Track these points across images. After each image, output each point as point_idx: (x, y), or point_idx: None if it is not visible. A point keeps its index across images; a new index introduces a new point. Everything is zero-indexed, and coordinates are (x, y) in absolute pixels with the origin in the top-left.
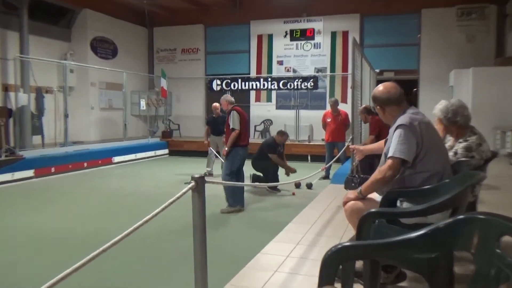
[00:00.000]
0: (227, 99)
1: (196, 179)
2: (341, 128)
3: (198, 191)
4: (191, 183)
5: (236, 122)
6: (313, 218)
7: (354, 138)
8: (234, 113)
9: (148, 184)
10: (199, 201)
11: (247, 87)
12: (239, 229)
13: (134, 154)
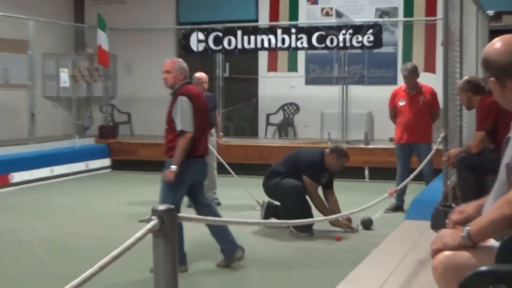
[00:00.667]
0: (178, 66)
1: (161, 214)
2: (424, 118)
3: (165, 235)
4: (151, 220)
5: (186, 117)
6: (376, 283)
7: (448, 137)
8: (183, 100)
9: (73, 224)
10: (166, 253)
11: (253, 45)
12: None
13: (49, 169)
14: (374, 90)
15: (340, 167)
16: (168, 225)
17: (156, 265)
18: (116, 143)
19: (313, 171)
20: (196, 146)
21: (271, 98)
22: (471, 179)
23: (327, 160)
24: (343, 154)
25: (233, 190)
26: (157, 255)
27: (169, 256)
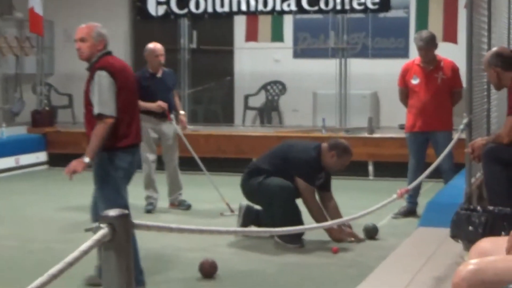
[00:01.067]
0: (95, 33)
1: (112, 221)
2: (443, 99)
3: (117, 246)
4: (100, 229)
5: (106, 98)
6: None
7: (473, 124)
8: (102, 75)
9: (0, 235)
10: (119, 269)
11: (228, 8)
12: None
13: None
14: (380, 64)
15: (341, 168)
16: (121, 235)
17: (106, 284)
18: (54, 132)
19: (308, 171)
20: (126, 133)
21: (250, 75)
22: (501, 176)
23: (325, 158)
24: (345, 151)
25: (203, 191)
26: (108, 272)
27: (123, 272)
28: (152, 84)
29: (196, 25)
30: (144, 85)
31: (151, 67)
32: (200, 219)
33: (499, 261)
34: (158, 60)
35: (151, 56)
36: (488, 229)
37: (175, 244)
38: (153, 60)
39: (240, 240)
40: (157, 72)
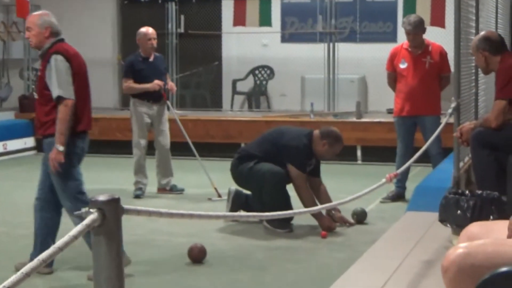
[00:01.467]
0: (39, 21)
1: (102, 206)
2: (431, 84)
3: (107, 232)
4: (89, 214)
5: (64, 80)
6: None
7: (461, 108)
8: (58, 59)
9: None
10: (109, 255)
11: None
12: None
13: None
14: (368, 49)
15: (332, 156)
16: (111, 220)
17: (96, 270)
18: None
19: (300, 158)
20: (79, 119)
21: (238, 60)
22: (489, 160)
23: (317, 146)
24: (337, 140)
25: (191, 176)
26: (98, 257)
27: (113, 257)
28: (145, 68)
29: (184, 9)
30: (137, 69)
31: (143, 51)
32: (189, 204)
33: (488, 245)
34: (150, 44)
35: (144, 40)
36: (476, 213)
37: (163, 229)
38: (145, 44)
39: (229, 225)
40: (150, 56)
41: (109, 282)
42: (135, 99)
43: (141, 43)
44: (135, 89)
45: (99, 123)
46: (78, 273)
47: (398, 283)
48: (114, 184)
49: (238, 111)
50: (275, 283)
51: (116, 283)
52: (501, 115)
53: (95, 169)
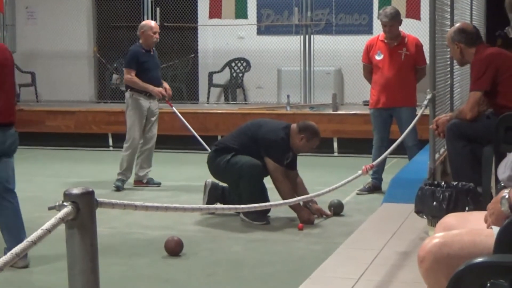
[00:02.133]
0: None
1: (75, 199)
2: (407, 76)
3: (81, 225)
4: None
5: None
6: (347, 281)
7: (437, 100)
8: None
9: None
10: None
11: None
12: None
13: None
14: (344, 41)
15: (310, 150)
16: (85, 213)
17: (70, 263)
18: (17, 111)
19: (277, 152)
20: None
21: (214, 52)
22: (464, 151)
23: (294, 140)
24: (314, 134)
25: (167, 169)
26: (72, 251)
27: (88, 251)
28: (148, 60)
29: (159, 2)
30: (141, 61)
31: (145, 44)
32: (165, 198)
33: (464, 235)
34: (155, 38)
35: (149, 32)
36: (452, 204)
37: (140, 222)
38: (150, 37)
39: (206, 218)
40: (151, 49)
41: (84, 275)
42: (133, 92)
43: (145, 35)
44: (139, 85)
45: (75, 116)
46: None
47: (374, 274)
48: (90, 177)
49: (214, 103)
50: (252, 275)
51: (91, 276)
52: (476, 106)
53: (71, 162)
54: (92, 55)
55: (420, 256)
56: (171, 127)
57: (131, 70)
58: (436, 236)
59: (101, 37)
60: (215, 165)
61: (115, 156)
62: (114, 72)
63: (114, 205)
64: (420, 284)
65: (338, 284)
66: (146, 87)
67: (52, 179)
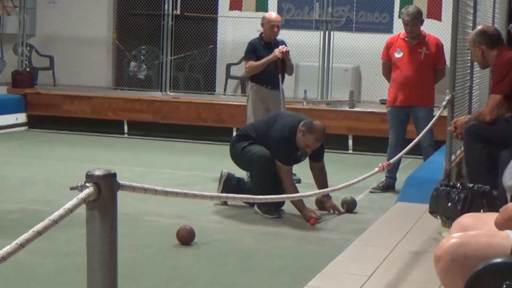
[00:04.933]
0: None
1: (98, 180)
2: (426, 75)
3: (102, 206)
4: (85, 188)
5: None
6: (358, 279)
7: (455, 101)
8: None
9: None
10: (103, 230)
11: None
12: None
13: None
14: (364, 38)
15: (304, 146)
16: (106, 195)
17: (89, 244)
18: (34, 94)
19: (281, 151)
20: None
21: (233, 44)
22: (481, 154)
23: (302, 139)
24: (309, 130)
25: (185, 158)
26: (92, 232)
27: (107, 233)
28: (266, 54)
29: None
30: (259, 54)
31: (265, 36)
32: (179, 187)
33: (482, 236)
34: (273, 31)
35: (267, 26)
36: (467, 205)
37: (153, 210)
38: (268, 30)
39: (219, 208)
40: (271, 42)
41: (102, 257)
42: (253, 83)
43: (264, 28)
44: (257, 66)
45: (91, 102)
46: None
47: (386, 272)
48: (103, 163)
49: (231, 95)
50: (262, 268)
51: (109, 258)
52: (496, 109)
53: (85, 147)
54: (111, 41)
55: (436, 255)
56: (186, 117)
57: (248, 61)
58: (453, 236)
59: (120, 24)
60: (234, 150)
61: (129, 143)
62: (132, 59)
63: (135, 188)
64: (432, 284)
65: (349, 280)
66: (264, 61)
67: (65, 163)
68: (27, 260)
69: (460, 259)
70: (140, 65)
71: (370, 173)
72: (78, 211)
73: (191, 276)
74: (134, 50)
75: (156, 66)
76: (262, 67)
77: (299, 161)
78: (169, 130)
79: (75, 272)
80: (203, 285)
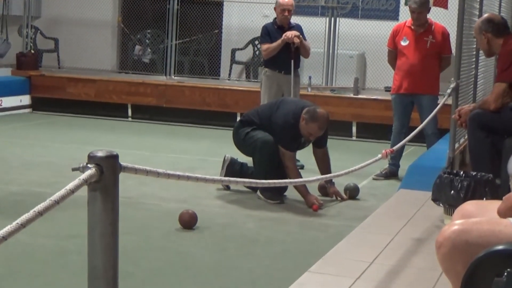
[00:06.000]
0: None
1: (100, 161)
2: (431, 63)
3: (104, 188)
4: (87, 169)
5: None
6: (360, 265)
7: (460, 90)
8: None
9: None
10: (105, 211)
11: None
12: None
13: None
14: (370, 26)
15: (308, 135)
16: (108, 176)
17: (91, 226)
18: (39, 76)
19: (284, 137)
20: None
21: (238, 29)
22: (485, 142)
23: (305, 125)
24: (313, 118)
25: (188, 142)
26: (93, 213)
27: (109, 214)
28: (279, 37)
29: None
30: (272, 38)
31: (278, 20)
32: (181, 171)
33: (484, 223)
34: (284, 15)
35: (278, 10)
36: (470, 193)
37: (156, 193)
38: (279, 14)
39: (221, 193)
40: (285, 26)
41: (103, 238)
42: (267, 68)
43: (276, 12)
44: (272, 48)
45: (95, 85)
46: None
47: (388, 258)
48: (106, 146)
49: (235, 80)
50: (264, 253)
51: (110, 239)
52: (500, 97)
53: (89, 130)
54: (116, 25)
55: (438, 242)
56: (191, 101)
57: (264, 44)
58: (455, 223)
59: (126, 7)
60: (237, 136)
61: (133, 127)
62: (137, 43)
63: (137, 170)
64: (433, 271)
65: (351, 266)
66: (277, 44)
67: (69, 146)
68: (29, 241)
69: (462, 246)
70: (145, 49)
71: (373, 160)
72: (81, 193)
73: (193, 260)
74: (139, 34)
75: (161, 50)
76: (277, 49)
77: (303, 147)
78: (173, 114)
79: (77, 254)
80: (204, 269)
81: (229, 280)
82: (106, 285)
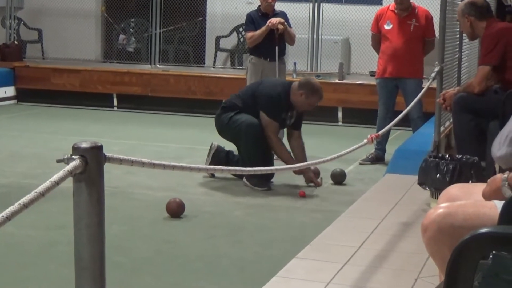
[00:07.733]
0: None
1: (84, 153)
2: (415, 47)
3: (89, 179)
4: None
5: None
6: (347, 250)
7: (444, 73)
8: None
9: None
10: (90, 202)
11: None
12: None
13: None
14: (353, 10)
15: (309, 107)
16: (93, 167)
17: (76, 217)
18: (23, 67)
19: (272, 106)
20: None
21: (222, 16)
22: (470, 125)
23: (294, 96)
24: (313, 91)
25: (174, 131)
26: (79, 204)
27: (94, 205)
28: (262, 24)
29: None
30: (256, 25)
31: (262, 7)
32: (167, 160)
33: (468, 206)
34: (267, 2)
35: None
36: (455, 176)
37: (142, 183)
38: (262, 1)
39: (208, 181)
40: (269, 13)
41: (89, 229)
42: (252, 56)
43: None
44: (256, 36)
45: (80, 75)
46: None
47: (375, 243)
48: (93, 136)
49: (220, 67)
50: (252, 240)
51: (96, 230)
52: (484, 80)
53: (75, 121)
54: (100, 14)
55: (423, 225)
56: (176, 89)
57: (248, 32)
58: (440, 206)
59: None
60: (220, 122)
61: (119, 116)
62: (121, 32)
63: (121, 161)
64: (420, 255)
65: (339, 251)
66: (261, 31)
67: (54, 137)
68: (18, 233)
69: (447, 229)
70: (129, 38)
71: (359, 145)
72: (69, 184)
73: (181, 248)
74: (123, 23)
75: (145, 39)
76: (262, 37)
77: (284, 126)
78: (158, 103)
79: (65, 244)
80: (193, 257)
81: (217, 268)
82: (93, 276)
